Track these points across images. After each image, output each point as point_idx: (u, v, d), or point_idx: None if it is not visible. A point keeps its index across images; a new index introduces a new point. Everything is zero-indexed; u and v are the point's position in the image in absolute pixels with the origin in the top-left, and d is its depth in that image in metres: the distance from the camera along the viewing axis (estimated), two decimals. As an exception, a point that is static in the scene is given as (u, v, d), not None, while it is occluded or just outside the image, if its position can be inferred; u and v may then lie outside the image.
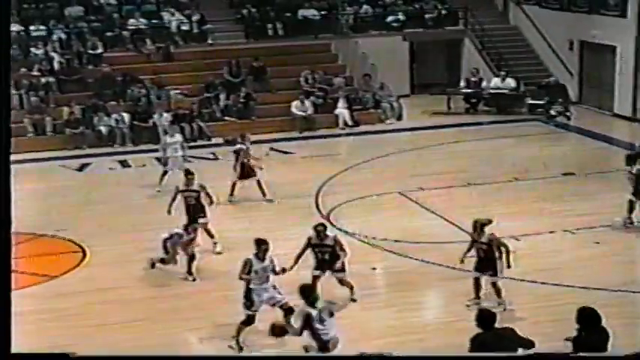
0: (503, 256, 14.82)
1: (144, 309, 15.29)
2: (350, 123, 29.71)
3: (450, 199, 21.05)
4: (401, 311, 14.89)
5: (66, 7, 32.37)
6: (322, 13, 33.96)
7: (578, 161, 24.62)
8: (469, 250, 15.21)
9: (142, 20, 32.30)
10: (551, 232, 18.51)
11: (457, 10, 35.10)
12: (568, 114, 30.30)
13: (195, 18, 32.74)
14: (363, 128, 29.59)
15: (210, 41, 32.45)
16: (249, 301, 13.87)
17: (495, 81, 31.89)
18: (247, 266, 13.88)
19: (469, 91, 31.94)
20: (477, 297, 15.08)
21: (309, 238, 15.31)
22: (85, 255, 17.93)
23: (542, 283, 15.90)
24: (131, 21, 32.15)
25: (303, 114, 29.37)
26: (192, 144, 27.51)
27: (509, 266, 14.89)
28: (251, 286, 13.87)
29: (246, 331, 13.88)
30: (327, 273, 15.22)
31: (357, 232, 18.69)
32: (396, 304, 15.27)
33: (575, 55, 32.45)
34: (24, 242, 17.88)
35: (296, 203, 20.89)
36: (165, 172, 22.17)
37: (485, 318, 10.53)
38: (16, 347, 7.55)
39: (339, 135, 29.17)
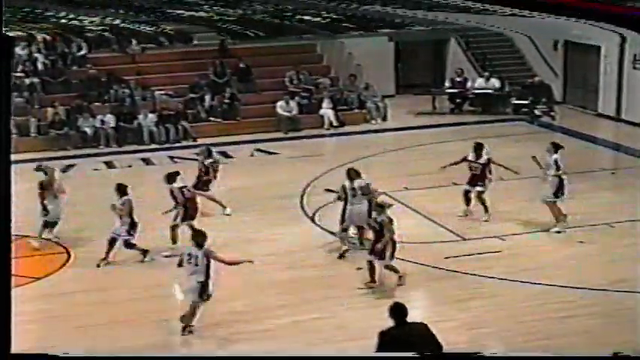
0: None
1: (129, 310, 15.26)
2: (335, 123, 29.71)
3: (436, 199, 21.07)
4: (386, 312, 14.87)
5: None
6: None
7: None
8: None
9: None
10: (535, 231, 18.55)
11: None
12: (552, 114, 30.41)
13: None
14: (348, 128, 29.59)
15: (195, 42, 32.44)
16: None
17: (480, 81, 31.96)
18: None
19: (454, 91, 31.99)
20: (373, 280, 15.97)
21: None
22: (69, 256, 17.88)
23: (527, 282, 15.93)
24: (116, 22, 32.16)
25: (288, 114, 29.35)
26: (177, 145, 27.59)
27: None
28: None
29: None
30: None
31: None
32: (382, 304, 15.22)
33: (560, 55, 32.56)
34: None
35: (281, 204, 20.86)
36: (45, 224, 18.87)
37: (398, 310, 10.40)
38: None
39: (324, 135, 29.18)
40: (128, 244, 17.35)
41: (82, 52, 30.66)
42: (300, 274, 16.68)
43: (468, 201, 19.63)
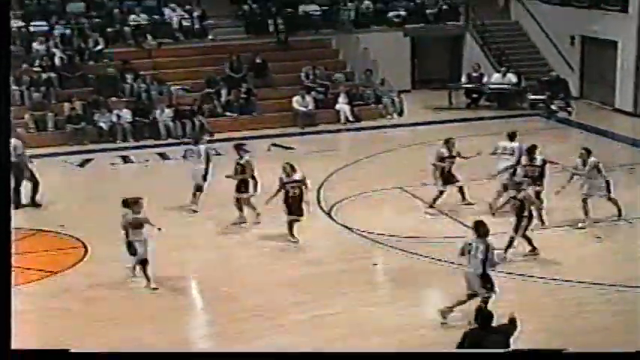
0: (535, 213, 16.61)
1: (145, 305, 15.27)
2: (351, 118, 29.70)
3: (452, 195, 21.00)
4: (403, 308, 14.89)
5: (67, 3, 32.38)
6: (323, 8, 33.96)
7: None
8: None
9: (143, 16, 32.29)
10: (554, 227, 18.46)
11: (458, 5, 35.15)
12: (569, 109, 30.30)
13: (196, 14, 32.78)
14: (364, 124, 29.57)
15: (210, 37, 32.46)
16: None
17: (496, 76, 31.89)
18: None
19: (470, 86, 31.95)
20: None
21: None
22: (86, 251, 17.90)
23: (546, 279, 15.88)
24: (132, 17, 32.13)
25: (304, 109, 29.35)
26: (194, 139, 27.64)
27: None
28: None
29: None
30: None
31: (358, 227, 18.69)
32: (398, 300, 15.26)
33: (577, 50, 32.44)
34: (26, 238, 17.89)
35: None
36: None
37: (484, 317, 10.66)
38: (17, 343, 7.57)
39: (340, 130, 29.16)
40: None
41: (99, 47, 30.71)
42: (316, 270, 16.67)
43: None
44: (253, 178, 19.06)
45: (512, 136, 20.28)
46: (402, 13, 34.47)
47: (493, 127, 27.76)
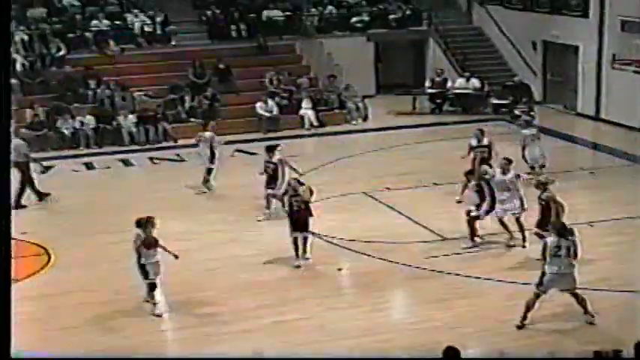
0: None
1: (110, 311, 15.17)
2: (315, 124, 29.73)
3: (416, 199, 21.09)
4: (367, 312, 14.89)
5: (28, 8, 32.10)
6: (287, 13, 33.97)
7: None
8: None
9: (105, 22, 32.11)
10: (515, 230, 18.53)
11: (421, 10, 35.29)
12: (532, 114, 30.46)
13: (158, 19, 32.66)
14: (328, 129, 29.61)
15: (173, 42, 32.34)
16: None
17: (460, 81, 32.04)
18: None
19: (434, 91, 32.06)
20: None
21: None
22: (49, 258, 17.76)
23: (508, 281, 15.94)
24: (94, 22, 31.95)
25: (268, 114, 29.32)
26: (157, 146, 27.53)
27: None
28: None
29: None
30: None
31: (322, 232, 18.68)
32: (363, 304, 15.26)
33: (539, 55, 32.67)
34: (-13, 246, 17.69)
35: (261, 204, 20.77)
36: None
37: (450, 355, 10.57)
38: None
39: (304, 136, 29.15)
40: None
41: (61, 53, 30.50)
42: (280, 275, 16.66)
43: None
44: (283, 176, 19.80)
45: (528, 123, 22.87)
46: (366, 18, 34.60)
47: (457, 132, 27.88)
